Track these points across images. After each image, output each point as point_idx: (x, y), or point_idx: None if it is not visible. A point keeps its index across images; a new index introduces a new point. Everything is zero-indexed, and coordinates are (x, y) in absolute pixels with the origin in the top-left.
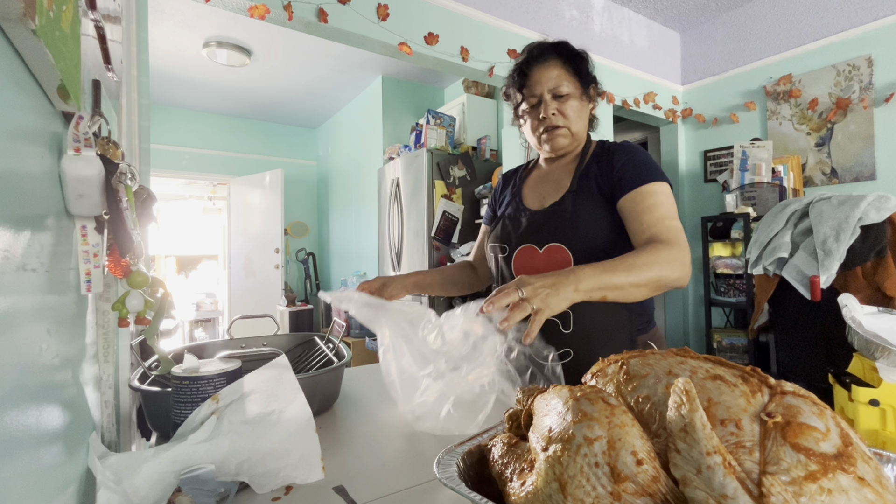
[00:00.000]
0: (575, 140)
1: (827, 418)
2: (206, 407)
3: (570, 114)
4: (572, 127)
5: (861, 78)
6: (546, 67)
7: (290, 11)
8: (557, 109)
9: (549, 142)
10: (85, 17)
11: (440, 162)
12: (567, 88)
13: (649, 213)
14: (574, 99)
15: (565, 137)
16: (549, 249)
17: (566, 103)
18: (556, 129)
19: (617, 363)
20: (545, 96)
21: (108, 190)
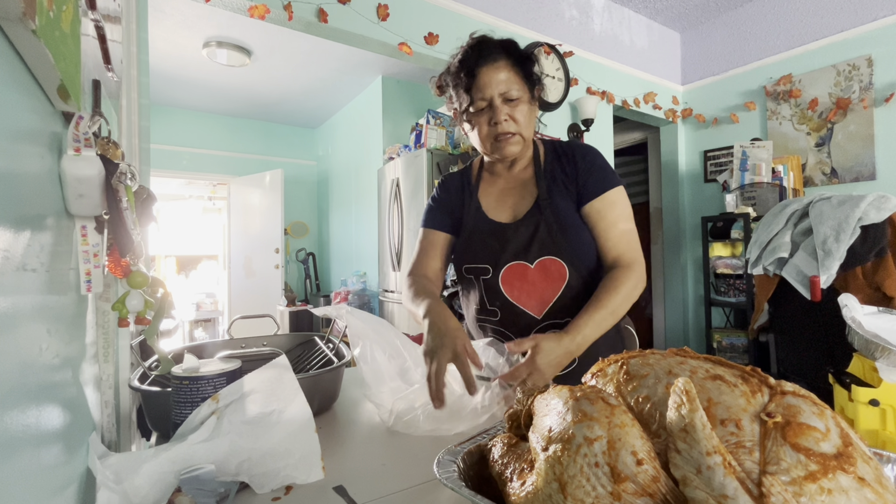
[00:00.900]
0: (525, 145)
1: (827, 418)
2: (206, 407)
3: (520, 119)
4: (524, 133)
5: (861, 78)
6: (495, 69)
7: (290, 11)
8: (509, 115)
9: (501, 149)
10: (85, 17)
11: (440, 162)
12: (517, 92)
13: (614, 226)
14: (524, 103)
15: (517, 144)
16: (541, 264)
17: (517, 108)
18: (508, 135)
19: (617, 363)
20: (496, 101)
21: (108, 190)
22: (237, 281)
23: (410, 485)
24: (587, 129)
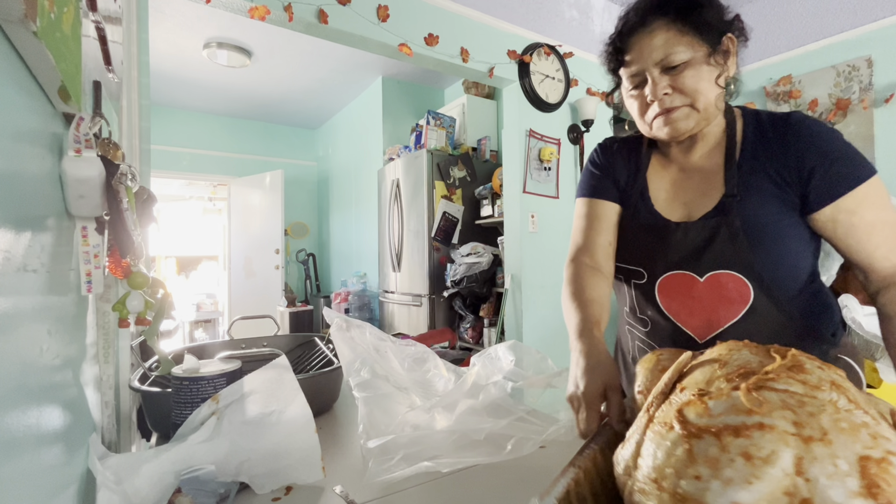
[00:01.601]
0: (704, 118)
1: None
2: (207, 407)
3: (690, 86)
4: (697, 103)
5: (861, 79)
6: (649, 35)
7: (291, 12)
8: (671, 86)
9: (666, 126)
10: (86, 19)
11: (440, 163)
12: (683, 54)
13: (878, 230)
14: (695, 66)
15: (688, 119)
16: (714, 279)
17: (683, 74)
18: (671, 111)
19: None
20: (651, 72)
21: (108, 191)
22: (237, 282)
23: (410, 485)
24: (587, 129)
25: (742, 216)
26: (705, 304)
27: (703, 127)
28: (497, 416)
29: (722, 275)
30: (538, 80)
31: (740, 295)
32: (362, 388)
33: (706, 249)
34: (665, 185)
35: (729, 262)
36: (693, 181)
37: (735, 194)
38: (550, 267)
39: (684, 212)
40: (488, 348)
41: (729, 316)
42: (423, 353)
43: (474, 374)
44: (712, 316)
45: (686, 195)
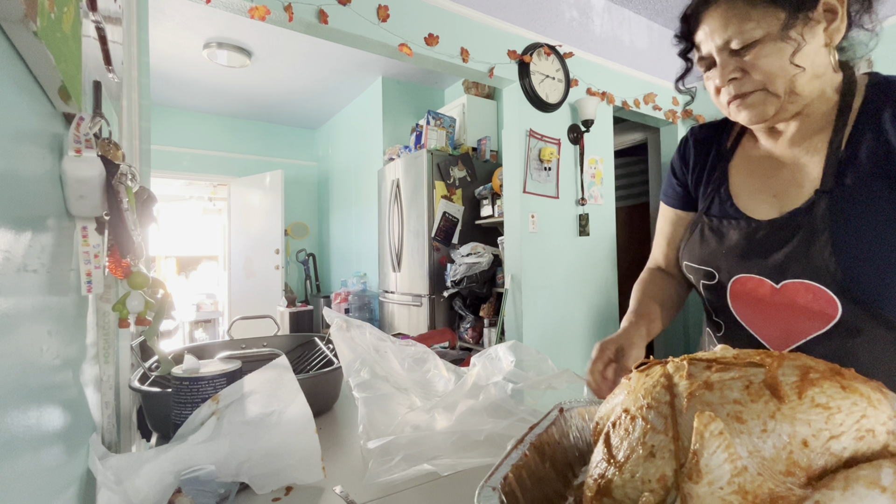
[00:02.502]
0: (790, 101)
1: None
2: (207, 408)
3: (763, 68)
4: (773, 85)
5: None
6: (712, 15)
7: (291, 12)
8: (739, 68)
9: (742, 111)
10: (86, 19)
11: (440, 163)
12: (754, 31)
13: None
14: (770, 42)
15: (765, 104)
16: (790, 288)
17: (752, 53)
18: (744, 96)
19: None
20: (717, 55)
21: (108, 191)
22: (237, 282)
23: (411, 485)
24: (587, 129)
25: (834, 214)
26: (782, 314)
27: (793, 111)
28: (497, 416)
29: (799, 284)
30: (538, 80)
31: (822, 310)
32: (362, 389)
33: (779, 252)
34: (752, 176)
35: (807, 269)
36: (787, 171)
37: (829, 189)
38: (550, 267)
39: (773, 206)
40: (488, 349)
41: (808, 329)
42: (424, 353)
43: (475, 374)
44: (790, 327)
45: (776, 185)
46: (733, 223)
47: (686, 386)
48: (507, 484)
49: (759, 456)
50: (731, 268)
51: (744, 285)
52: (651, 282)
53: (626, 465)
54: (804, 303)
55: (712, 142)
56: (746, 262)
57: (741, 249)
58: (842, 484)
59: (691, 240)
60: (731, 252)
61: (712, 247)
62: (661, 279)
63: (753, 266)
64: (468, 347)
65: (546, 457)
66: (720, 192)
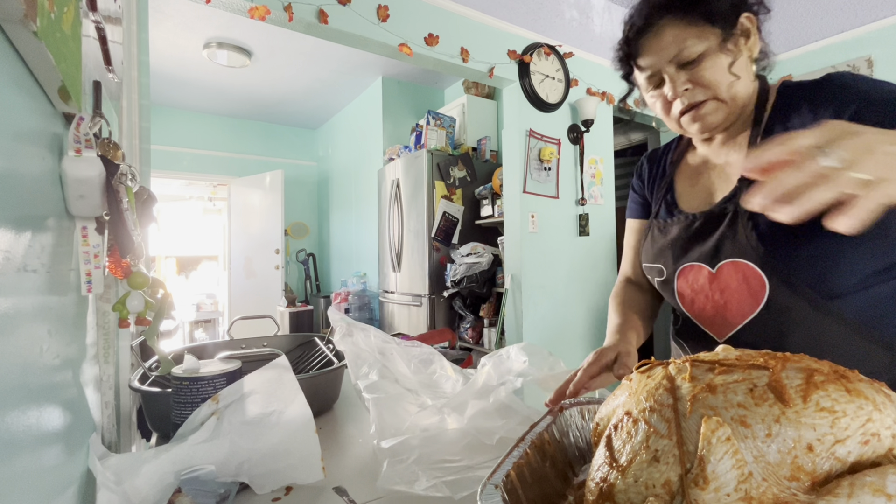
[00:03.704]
0: (733, 106)
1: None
2: (207, 407)
3: (710, 78)
4: (721, 93)
5: None
6: (657, 35)
7: (291, 12)
8: (689, 80)
9: (695, 123)
10: (86, 19)
11: (440, 163)
12: (696, 47)
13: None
14: (711, 56)
15: (717, 112)
16: (725, 269)
17: (700, 66)
18: (698, 107)
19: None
20: (666, 70)
21: (108, 191)
22: (237, 282)
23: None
24: (587, 129)
25: None
26: (719, 299)
27: (734, 116)
28: (508, 417)
29: (732, 264)
30: (538, 80)
31: (753, 287)
32: (371, 390)
33: (712, 237)
34: (692, 179)
35: (736, 249)
36: (718, 169)
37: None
38: (550, 267)
39: (706, 201)
40: (499, 349)
41: (745, 311)
42: (429, 354)
43: (484, 374)
44: (727, 312)
45: (708, 182)
46: (676, 219)
47: (689, 389)
48: (509, 481)
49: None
50: (675, 259)
51: (686, 276)
52: (626, 294)
53: (629, 470)
54: (737, 283)
55: (661, 159)
56: (687, 252)
57: (682, 241)
58: (847, 490)
59: (645, 243)
60: (675, 244)
61: (659, 244)
62: (634, 291)
63: (693, 254)
64: (468, 347)
65: (546, 455)
66: (666, 198)
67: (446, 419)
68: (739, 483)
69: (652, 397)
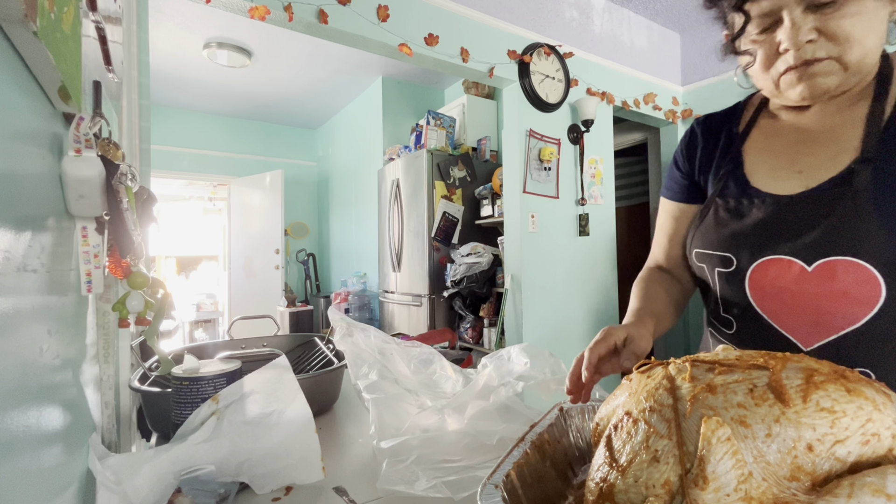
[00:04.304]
0: (852, 76)
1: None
2: (206, 407)
3: (846, 31)
4: (848, 55)
5: None
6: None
7: (291, 12)
8: (817, 29)
9: (800, 84)
10: (86, 19)
11: (440, 163)
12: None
13: None
14: (859, 2)
15: (832, 76)
16: (826, 268)
17: (840, 12)
18: (812, 63)
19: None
20: (792, 10)
21: (108, 191)
22: (237, 282)
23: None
24: (587, 129)
25: (881, 184)
26: (814, 301)
27: (849, 87)
28: (509, 418)
29: (839, 262)
30: (538, 80)
31: (864, 291)
32: (371, 390)
33: (817, 227)
34: (773, 153)
35: (850, 244)
36: (818, 143)
37: (871, 158)
38: (550, 267)
39: (800, 179)
40: (500, 350)
41: (847, 320)
42: (429, 354)
43: (485, 375)
44: (823, 318)
45: (805, 161)
46: (755, 202)
47: (689, 389)
48: (509, 481)
49: (763, 461)
50: (755, 250)
51: (766, 270)
52: (653, 280)
53: (628, 470)
54: (841, 286)
55: (721, 128)
56: (773, 243)
57: (768, 228)
58: (846, 491)
59: (703, 225)
60: (755, 232)
61: (731, 229)
62: (663, 278)
63: (782, 246)
64: (468, 347)
65: (546, 455)
66: (734, 175)
67: (446, 420)
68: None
69: (652, 397)
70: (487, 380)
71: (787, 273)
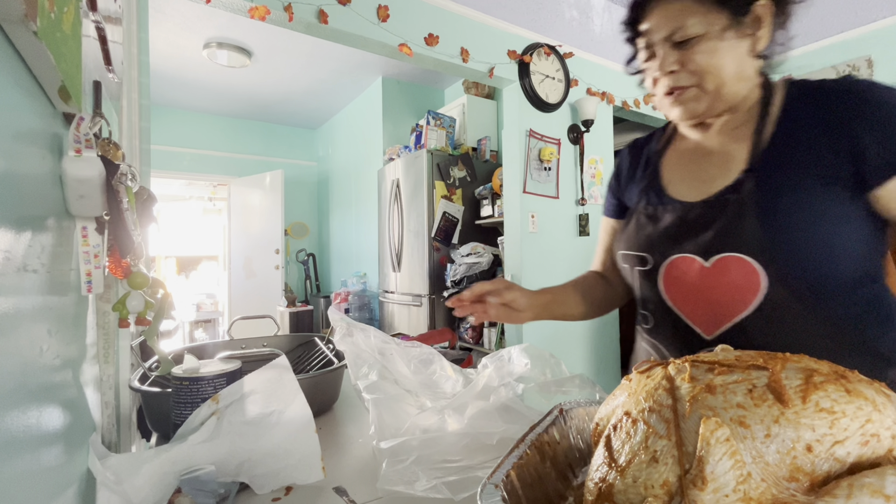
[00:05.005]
0: (718, 100)
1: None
2: (207, 408)
3: (700, 64)
4: (707, 84)
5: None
6: (660, 6)
7: (291, 12)
8: (679, 62)
9: (675, 107)
10: (86, 19)
11: (440, 163)
12: (696, 27)
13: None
14: (710, 40)
15: (698, 101)
16: (720, 263)
17: (694, 49)
18: (680, 91)
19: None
20: (659, 46)
21: (108, 191)
22: (237, 282)
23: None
24: (587, 129)
25: (761, 190)
26: (711, 293)
27: (721, 109)
28: (509, 418)
29: (729, 258)
30: (538, 80)
31: (750, 282)
32: (371, 391)
33: (711, 228)
34: (683, 166)
35: (737, 243)
36: (716, 158)
37: (755, 169)
38: (550, 267)
39: (701, 189)
40: (500, 350)
41: (738, 308)
42: (429, 354)
43: (486, 376)
44: (719, 308)
45: (706, 171)
46: (668, 208)
47: (688, 389)
48: (509, 482)
49: (762, 461)
50: (665, 250)
51: (676, 267)
52: (581, 278)
53: (627, 470)
54: (732, 279)
55: (644, 147)
56: (679, 243)
57: (675, 230)
58: (845, 492)
59: (627, 230)
60: (666, 234)
61: (647, 232)
62: (593, 277)
63: (686, 245)
64: (468, 347)
65: (546, 456)
66: (653, 185)
67: (447, 420)
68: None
69: (651, 398)
70: (488, 380)
71: (690, 269)
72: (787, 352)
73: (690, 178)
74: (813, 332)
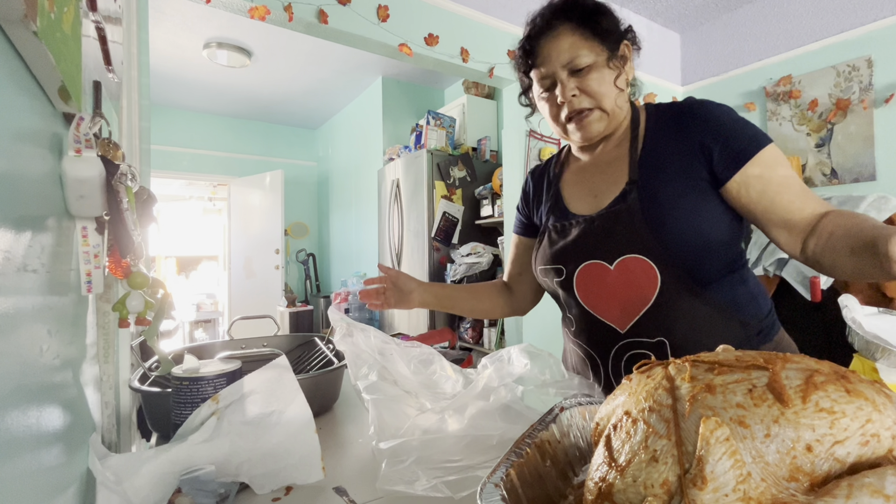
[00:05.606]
0: (612, 119)
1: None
2: (207, 408)
3: (595, 88)
4: (604, 104)
5: (861, 79)
6: (556, 38)
7: (291, 12)
8: (578, 87)
9: (580, 130)
10: (86, 19)
11: (440, 163)
12: (587, 58)
13: (787, 187)
14: (598, 69)
15: (599, 121)
16: (623, 264)
17: (588, 77)
18: (583, 113)
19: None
20: (559, 74)
21: (108, 191)
22: (237, 282)
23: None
24: None
25: (642, 199)
26: (619, 293)
27: (611, 129)
28: (509, 419)
29: (629, 259)
30: None
31: (649, 279)
32: (371, 391)
33: (611, 236)
34: (578, 185)
35: (633, 245)
36: (602, 175)
37: (636, 179)
38: None
39: (592, 203)
40: (500, 350)
41: (642, 302)
42: (429, 354)
43: (486, 376)
44: (626, 304)
45: (593, 187)
46: (573, 223)
47: (688, 389)
48: (509, 481)
49: (762, 461)
50: (576, 259)
51: (587, 273)
52: (485, 284)
53: (627, 470)
54: (634, 277)
55: (545, 173)
56: (587, 251)
57: (582, 241)
58: (845, 492)
59: (541, 247)
60: (574, 245)
61: (559, 246)
62: (493, 284)
63: (593, 253)
64: (468, 347)
65: (546, 455)
66: (557, 205)
67: (447, 420)
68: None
69: (651, 397)
70: (488, 381)
71: (598, 273)
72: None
73: (586, 194)
74: (702, 314)
